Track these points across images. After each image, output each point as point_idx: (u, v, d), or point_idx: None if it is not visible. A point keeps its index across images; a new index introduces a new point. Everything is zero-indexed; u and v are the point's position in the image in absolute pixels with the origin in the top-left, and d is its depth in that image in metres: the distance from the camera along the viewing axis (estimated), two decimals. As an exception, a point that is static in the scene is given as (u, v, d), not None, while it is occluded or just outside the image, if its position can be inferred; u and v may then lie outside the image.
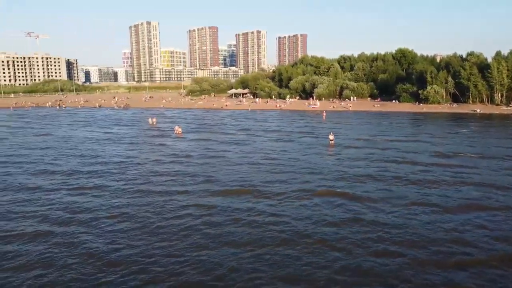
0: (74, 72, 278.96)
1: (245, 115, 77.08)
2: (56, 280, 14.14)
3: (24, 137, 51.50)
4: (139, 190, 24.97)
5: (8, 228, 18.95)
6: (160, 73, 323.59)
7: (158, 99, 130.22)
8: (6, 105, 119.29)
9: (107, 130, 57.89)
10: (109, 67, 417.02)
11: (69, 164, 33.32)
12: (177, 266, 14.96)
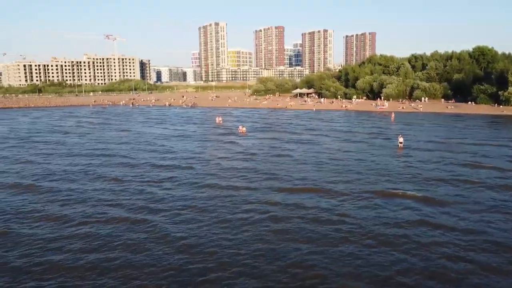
0: (146, 72, 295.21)
1: (310, 115, 76.76)
2: (139, 259, 15.50)
3: (106, 132, 56.13)
4: (207, 184, 26.18)
5: (98, 215, 20.87)
6: (227, 73, 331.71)
7: (224, 99, 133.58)
8: (87, 102, 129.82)
9: (176, 127, 60.83)
10: (178, 67, 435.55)
11: (144, 158, 35.76)
12: (240, 257, 15.67)
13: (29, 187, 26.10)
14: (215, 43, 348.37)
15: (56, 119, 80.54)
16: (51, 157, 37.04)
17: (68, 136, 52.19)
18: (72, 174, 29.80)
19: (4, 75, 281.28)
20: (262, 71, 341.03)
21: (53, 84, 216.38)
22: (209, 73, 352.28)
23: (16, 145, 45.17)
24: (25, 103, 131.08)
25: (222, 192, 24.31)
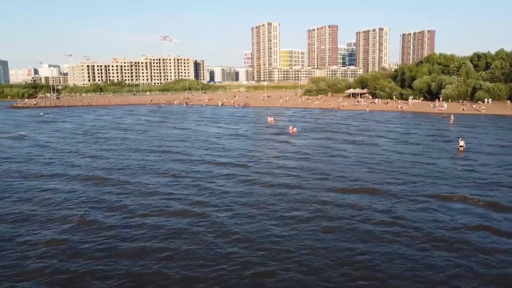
0: (200, 72, 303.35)
1: (364, 116, 75.21)
2: (199, 251, 16.33)
3: (163, 130, 58.76)
4: (260, 182, 26.73)
5: (159, 207, 22.12)
6: (279, 73, 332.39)
7: (276, 98, 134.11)
8: (144, 101, 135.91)
9: (229, 126, 62.16)
10: (231, 67, 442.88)
11: (199, 155, 37.13)
12: (292, 254, 15.98)
13: (97, 179, 28.05)
14: (267, 43, 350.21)
15: (117, 117, 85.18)
16: (114, 152, 39.54)
17: (129, 133, 55.29)
18: (134, 168, 31.64)
19: (70, 75, 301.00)
20: (315, 70, 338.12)
21: (113, 84, 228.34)
22: (261, 73, 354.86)
23: (83, 141, 48.62)
24: (88, 101, 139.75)
25: (275, 190, 24.71)
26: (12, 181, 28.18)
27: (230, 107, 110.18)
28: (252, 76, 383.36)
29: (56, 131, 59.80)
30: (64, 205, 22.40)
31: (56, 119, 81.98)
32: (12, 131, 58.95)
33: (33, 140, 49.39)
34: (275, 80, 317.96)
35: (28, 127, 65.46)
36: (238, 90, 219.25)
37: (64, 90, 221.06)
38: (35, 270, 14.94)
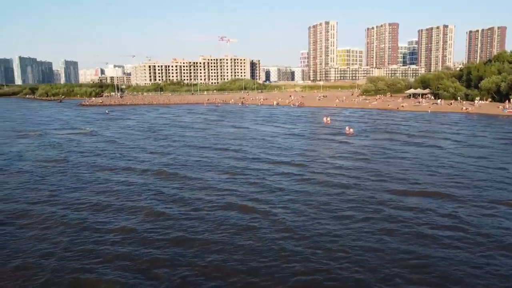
0: (256, 71, 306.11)
1: (425, 117, 72.15)
2: (260, 245, 16.90)
3: (221, 128, 60.47)
4: (317, 181, 26.88)
5: (219, 201, 23.07)
6: (335, 72, 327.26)
7: (332, 98, 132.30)
8: (201, 101, 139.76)
9: (285, 126, 62.44)
10: (287, 66, 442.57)
11: (256, 153, 37.86)
12: (351, 253, 16.01)
13: (161, 174, 29.69)
14: (324, 42, 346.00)
15: (177, 115, 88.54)
16: (175, 148, 41.43)
17: (189, 131, 57.52)
18: (194, 164, 33.03)
19: (133, 75, 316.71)
20: (373, 70, 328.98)
21: (172, 83, 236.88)
22: (317, 73, 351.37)
23: (146, 137, 51.35)
24: (149, 100, 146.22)
25: (331, 189, 24.71)
26: (86, 173, 30.59)
27: (285, 107, 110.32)
28: (308, 75, 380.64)
29: (121, 128, 63.57)
30: (132, 197, 24.01)
31: (120, 116, 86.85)
32: (83, 128, 63.50)
33: (101, 136, 52.94)
34: (332, 79, 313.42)
35: (96, 124, 70.12)
36: (294, 90, 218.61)
37: (127, 89, 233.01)
38: (108, 255, 16.26)
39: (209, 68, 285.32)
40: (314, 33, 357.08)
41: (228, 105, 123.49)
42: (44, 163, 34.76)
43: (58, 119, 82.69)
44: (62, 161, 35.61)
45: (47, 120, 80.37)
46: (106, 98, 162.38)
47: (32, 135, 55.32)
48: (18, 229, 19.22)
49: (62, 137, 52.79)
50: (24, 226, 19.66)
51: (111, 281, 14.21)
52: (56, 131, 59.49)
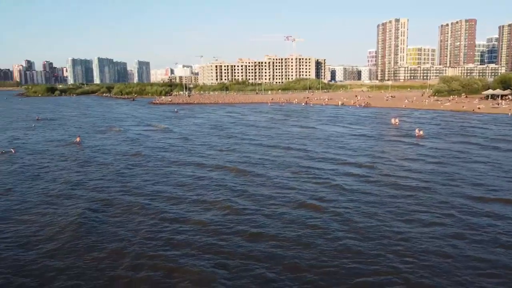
0: (321, 71, 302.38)
1: (504, 120, 67.12)
2: (326, 242, 17.41)
3: (287, 127, 61.05)
4: (385, 182, 26.61)
5: (284, 198, 23.79)
6: (405, 72, 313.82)
7: (400, 99, 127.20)
8: (265, 100, 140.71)
9: (350, 126, 61.53)
10: (353, 66, 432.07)
11: (322, 152, 38.00)
12: (423, 256, 15.88)
13: (231, 170, 31.22)
14: (394, 40, 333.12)
15: (243, 114, 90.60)
16: (242, 146, 42.92)
17: (254, 129, 58.90)
18: (261, 161, 34.16)
19: (200, 75, 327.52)
20: (446, 69, 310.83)
21: (237, 83, 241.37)
22: (385, 72, 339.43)
23: (215, 134, 53.53)
24: (215, 99, 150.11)
25: (400, 191, 24.42)
26: (162, 167, 32.95)
27: (350, 107, 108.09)
28: (375, 75, 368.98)
29: (191, 125, 66.65)
30: (205, 191, 25.55)
31: (189, 115, 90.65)
32: (158, 125, 67.29)
33: (174, 133, 56.12)
34: (401, 79, 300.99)
35: (168, 122, 74.03)
36: (361, 89, 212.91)
37: (194, 88, 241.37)
38: (184, 245, 17.55)
39: (274, 68, 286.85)
40: (384, 31, 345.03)
41: (291, 105, 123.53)
42: (125, 156, 37.95)
43: (133, 116, 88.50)
44: (140, 155, 38.56)
45: (124, 117, 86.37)
46: (175, 97, 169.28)
47: (114, 131, 60.05)
48: (107, 216, 21.33)
49: (139, 133, 56.77)
50: (111, 214, 21.75)
51: (186, 270, 15.32)
52: (133, 127, 63.97)
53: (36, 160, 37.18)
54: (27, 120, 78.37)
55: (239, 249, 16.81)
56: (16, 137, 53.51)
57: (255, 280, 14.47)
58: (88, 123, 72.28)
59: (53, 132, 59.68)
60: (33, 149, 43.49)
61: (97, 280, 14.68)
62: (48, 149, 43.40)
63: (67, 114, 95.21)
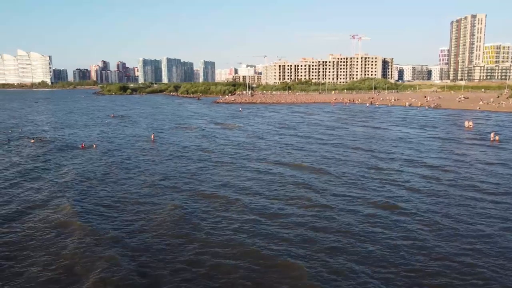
0: (388, 70, 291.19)
1: None
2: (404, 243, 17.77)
3: (353, 128, 60.46)
4: (465, 186, 26.04)
5: (375, 200, 24.24)
6: (480, 71, 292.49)
7: (474, 100, 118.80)
8: (328, 100, 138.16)
9: (420, 128, 58.97)
10: (423, 65, 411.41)
11: (392, 153, 37.49)
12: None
13: (308, 169, 32.34)
14: (469, 38, 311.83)
15: (307, 113, 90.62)
16: (310, 144, 43.86)
17: (321, 128, 58.89)
18: (330, 160, 34.89)
19: (263, 74, 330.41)
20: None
21: (300, 82, 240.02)
22: (458, 71, 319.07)
23: (285, 134, 54.45)
24: (277, 99, 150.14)
25: (483, 196, 23.88)
26: (246, 164, 34.85)
27: (419, 108, 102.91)
28: (447, 74, 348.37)
29: (260, 124, 68.12)
30: (291, 188, 26.77)
31: (253, 114, 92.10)
32: (231, 123, 69.39)
33: (246, 131, 58.03)
34: (475, 79, 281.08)
35: (236, 120, 75.81)
36: (431, 90, 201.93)
37: (257, 88, 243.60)
38: (276, 237, 18.73)
39: (338, 67, 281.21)
40: (458, 28, 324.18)
41: (355, 105, 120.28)
42: (207, 153, 40.33)
43: (203, 114, 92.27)
44: (218, 151, 41.00)
45: (193, 115, 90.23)
46: (238, 96, 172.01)
47: (188, 128, 63.16)
48: (199, 209, 23.11)
49: (212, 130, 59.47)
50: (201, 206, 23.60)
51: (285, 263, 16.10)
52: (205, 125, 66.90)
53: (117, 155, 40.29)
54: (103, 117, 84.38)
55: (333, 244, 17.70)
56: (95, 133, 58.19)
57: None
58: (161, 121, 76.53)
59: (128, 129, 63.90)
60: (112, 144, 47.04)
61: (203, 264, 16.24)
62: (125, 145, 46.67)
63: (139, 112, 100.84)
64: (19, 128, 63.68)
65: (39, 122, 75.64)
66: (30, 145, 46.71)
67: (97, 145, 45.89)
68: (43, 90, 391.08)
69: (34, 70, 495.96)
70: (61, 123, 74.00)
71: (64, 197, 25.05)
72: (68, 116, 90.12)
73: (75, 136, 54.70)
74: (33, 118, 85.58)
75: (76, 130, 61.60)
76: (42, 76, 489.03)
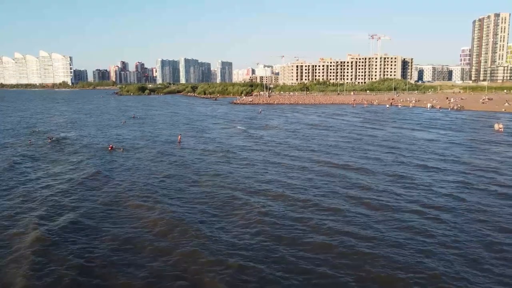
0: (408, 71, 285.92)
1: None
2: None
3: (372, 131, 58.60)
4: (491, 193, 25.00)
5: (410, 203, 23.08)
6: (504, 71, 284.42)
7: (499, 101, 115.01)
8: (347, 101, 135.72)
9: (445, 132, 57.18)
10: (443, 65, 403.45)
11: (416, 159, 35.99)
12: None
13: (349, 167, 31.75)
14: (492, 37, 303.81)
15: (329, 115, 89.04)
16: (349, 144, 44.29)
17: (347, 131, 57.62)
18: (367, 162, 33.67)
19: (280, 75, 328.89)
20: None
21: (318, 83, 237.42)
22: (480, 72, 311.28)
23: (318, 135, 53.02)
24: (295, 100, 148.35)
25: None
26: (289, 163, 34.89)
27: (441, 110, 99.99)
28: (468, 75, 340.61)
29: (287, 125, 66.78)
30: (345, 190, 26.70)
31: (274, 114, 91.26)
32: (265, 124, 68.75)
33: (274, 133, 56.54)
34: (498, 79, 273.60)
35: (256, 121, 74.85)
36: (453, 91, 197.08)
37: (275, 88, 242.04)
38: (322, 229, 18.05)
39: (357, 68, 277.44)
40: (480, 28, 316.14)
41: (375, 106, 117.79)
42: (243, 153, 40.38)
43: (224, 114, 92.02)
44: (263, 151, 41.32)
45: (214, 116, 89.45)
46: (255, 97, 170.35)
47: (213, 129, 63.03)
48: None
49: (241, 131, 59.09)
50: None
51: None
52: (228, 125, 67.09)
53: (146, 156, 39.72)
54: (125, 118, 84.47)
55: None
56: (119, 134, 57.69)
57: None
58: (182, 121, 76.23)
59: (151, 130, 63.02)
60: (138, 146, 45.96)
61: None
62: (153, 147, 45.73)
63: (159, 113, 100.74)
64: (36, 128, 64.27)
65: (61, 123, 76.10)
66: (53, 145, 46.54)
67: (123, 147, 44.56)
68: (64, 90, 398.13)
69: (55, 71, 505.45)
70: (83, 124, 73.90)
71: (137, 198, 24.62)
72: (89, 116, 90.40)
73: (99, 137, 54.42)
74: (55, 119, 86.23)
75: (99, 131, 61.34)
76: (63, 76, 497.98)
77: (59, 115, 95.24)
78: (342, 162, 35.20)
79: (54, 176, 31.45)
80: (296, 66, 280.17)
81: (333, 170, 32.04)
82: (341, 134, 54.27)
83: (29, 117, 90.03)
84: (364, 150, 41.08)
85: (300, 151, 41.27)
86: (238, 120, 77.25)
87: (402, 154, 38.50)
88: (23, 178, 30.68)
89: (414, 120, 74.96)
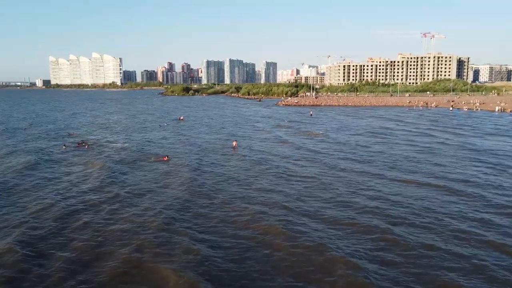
0: (464, 71, 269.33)
1: None
2: None
3: (430, 138, 52.28)
4: None
5: None
6: None
7: None
8: (401, 103, 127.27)
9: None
10: (502, 65, 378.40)
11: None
12: None
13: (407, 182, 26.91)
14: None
15: (386, 118, 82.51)
16: (412, 154, 38.23)
17: (415, 137, 52.15)
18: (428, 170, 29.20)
19: (326, 75, 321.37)
20: None
21: (367, 83, 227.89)
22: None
23: (379, 142, 48.23)
24: (344, 101, 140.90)
25: None
26: (354, 173, 32.29)
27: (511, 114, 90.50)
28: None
29: (343, 130, 62.08)
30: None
31: (327, 117, 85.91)
32: (316, 131, 61.55)
33: (333, 139, 52.02)
34: None
35: (311, 126, 69.96)
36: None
37: (321, 89, 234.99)
38: None
39: (408, 67, 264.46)
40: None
41: (434, 109, 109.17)
42: (306, 162, 35.66)
43: (271, 117, 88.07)
44: (315, 160, 37.72)
45: (262, 118, 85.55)
46: (301, 99, 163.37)
47: (265, 131, 60.48)
48: None
49: (296, 138, 53.96)
50: None
51: None
52: (278, 129, 62.87)
53: (205, 162, 37.06)
54: (171, 120, 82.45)
55: None
56: (165, 137, 54.91)
57: None
58: (231, 124, 72.78)
59: (201, 133, 59.24)
60: (192, 152, 42.69)
61: None
62: (208, 152, 42.50)
63: (205, 114, 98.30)
64: (74, 131, 63.39)
65: (109, 125, 75.22)
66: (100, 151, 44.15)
67: (177, 155, 40.57)
68: (113, 90, 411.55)
69: (106, 72, 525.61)
70: (130, 126, 71.74)
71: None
72: (136, 119, 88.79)
73: (148, 142, 50.97)
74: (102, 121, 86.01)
75: (147, 135, 58.35)
76: (113, 77, 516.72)
77: (105, 116, 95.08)
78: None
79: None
80: (343, 66, 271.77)
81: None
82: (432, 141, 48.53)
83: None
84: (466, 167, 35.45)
85: (383, 168, 35.75)
86: (290, 123, 73.00)
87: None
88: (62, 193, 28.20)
89: (487, 124, 67.37)
